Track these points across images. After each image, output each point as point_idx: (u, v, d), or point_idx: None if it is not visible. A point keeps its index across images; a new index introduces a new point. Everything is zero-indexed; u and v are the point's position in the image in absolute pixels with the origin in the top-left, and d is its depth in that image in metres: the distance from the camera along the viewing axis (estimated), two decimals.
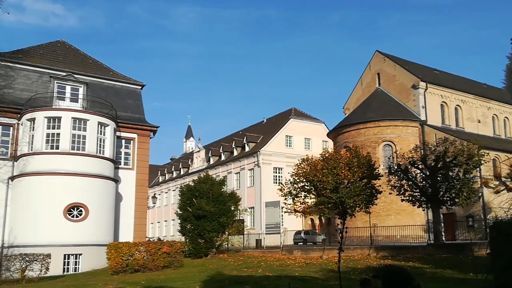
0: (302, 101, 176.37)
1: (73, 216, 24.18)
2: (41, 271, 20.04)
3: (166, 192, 72.85)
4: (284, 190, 29.53)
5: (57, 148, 24.83)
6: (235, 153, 58.04)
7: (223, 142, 64.09)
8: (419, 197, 26.02)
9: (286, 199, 29.59)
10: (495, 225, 4.79)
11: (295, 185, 28.91)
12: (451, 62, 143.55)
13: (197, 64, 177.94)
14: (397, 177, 26.56)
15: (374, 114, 39.99)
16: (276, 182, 48.58)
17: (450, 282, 14.27)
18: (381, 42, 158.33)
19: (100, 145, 26.18)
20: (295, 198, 29.15)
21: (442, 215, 28.11)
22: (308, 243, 38.59)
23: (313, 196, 29.17)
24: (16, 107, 26.02)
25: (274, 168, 52.33)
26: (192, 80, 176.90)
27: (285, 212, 31.05)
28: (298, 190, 28.88)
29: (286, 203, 29.75)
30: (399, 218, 34.38)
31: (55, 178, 24.15)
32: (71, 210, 24.19)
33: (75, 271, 23.62)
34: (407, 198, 26.42)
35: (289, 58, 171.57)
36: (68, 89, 28.17)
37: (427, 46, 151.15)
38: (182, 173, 70.13)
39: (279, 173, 51.94)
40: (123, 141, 29.60)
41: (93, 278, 19.92)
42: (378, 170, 29.19)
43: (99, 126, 26.28)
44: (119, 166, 28.74)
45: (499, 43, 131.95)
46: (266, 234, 32.87)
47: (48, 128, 25.01)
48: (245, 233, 37.90)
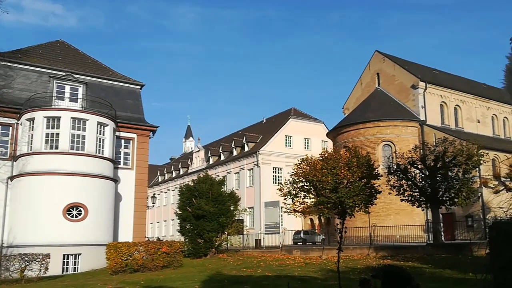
0: (301, 101, 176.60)
1: (72, 216, 24.17)
2: (40, 271, 20.01)
3: (166, 192, 72.84)
4: (283, 190, 29.57)
5: (56, 148, 24.82)
6: (235, 153, 58.06)
7: (223, 142, 64.09)
8: (419, 197, 26.04)
9: (285, 199, 29.62)
10: (494, 225, 4.80)
11: (295, 185, 28.95)
12: (451, 62, 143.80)
13: (197, 64, 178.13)
14: (396, 177, 26.58)
15: (373, 114, 40.02)
16: (275, 182, 48.62)
17: (450, 282, 14.27)
18: (381, 42, 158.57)
19: (99, 145, 26.18)
20: (295, 198, 29.19)
21: (441, 215, 28.12)
22: (307, 243, 38.58)
23: (312, 196, 29.21)
24: (15, 107, 26.01)
25: (273, 168, 52.35)
26: (192, 80, 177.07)
27: (284, 212, 31.08)
28: (298, 190, 28.93)
29: (285, 203, 29.78)
30: (399, 218, 34.39)
31: (55, 178, 24.14)
32: (71, 210, 24.18)
33: (75, 271, 23.62)
34: (407, 198, 26.43)
35: (289, 58, 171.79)
36: (67, 89, 28.17)
37: (427, 46, 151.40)
38: (181, 173, 70.14)
39: (279, 173, 51.96)
40: (123, 141, 29.59)
41: (92, 278, 19.91)
42: (378, 170, 29.23)
43: (99, 126, 26.26)
44: (119, 166, 28.74)
45: (499, 43, 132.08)
46: (266, 234, 32.87)
47: (47, 128, 24.99)
48: (244, 233, 37.86)
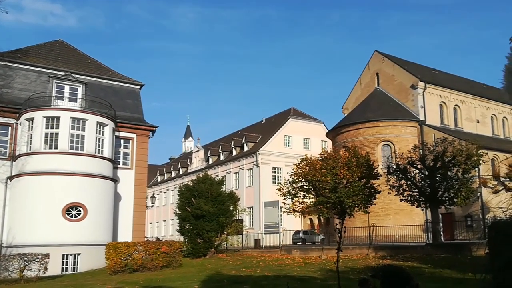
0: (301, 101, 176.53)
1: (71, 216, 24.16)
2: (39, 271, 19.99)
3: (165, 192, 72.82)
4: (283, 190, 29.56)
5: (55, 148, 24.81)
6: (234, 153, 58.05)
7: (222, 142, 64.09)
8: (418, 197, 26.04)
9: (285, 199, 29.61)
10: (494, 225, 4.80)
11: (294, 185, 28.94)
12: (451, 62, 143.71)
13: (197, 64, 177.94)
14: (395, 177, 26.59)
15: (373, 114, 40.03)
16: (275, 182, 48.63)
17: (449, 282, 14.28)
18: (381, 42, 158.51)
19: (98, 145, 26.16)
20: (294, 198, 29.18)
21: (440, 215, 28.13)
22: (307, 243, 38.59)
23: (312, 196, 29.21)
24: (14, 107, 26.00)
25: (273, 168, 52.35)
26: (192, 80, 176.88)
27: (284, 212, 31.07)
28: (297, 190, 28.92)
29: (285, 203, 29.76)
30: (398, 218, 34.40)
31: (54, 178, 24.13)
32: (70, 210, 24.17)
33: (74, 271, 23.61)
34: (406, 198, 26.44)
35: (289, 58, 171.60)
36: (66, 88, 28.16)
37: (427, 46, 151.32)
38: (181, 173, 70.13)
39: (278, 173, 51.96)
40: (122, 141, 29.59)
41: (91, 278, 19.90)
42: (377, 170, 29.23)
43: (98, 126, 26.25)
44: (118, 166, 28.73)
45: (499, 43, 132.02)
46: (265, 234, 32.86)
47: (46, 128, 24.98)
48: (244, 233, 37.89)
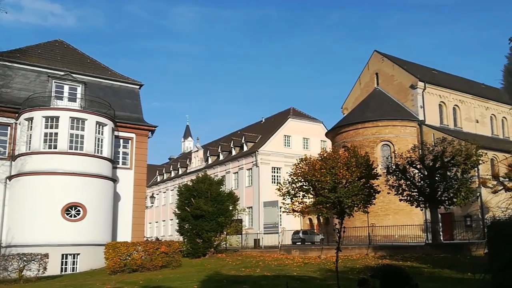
0: (301, 101, 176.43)
1: (71, 215, 24.15)
2: (39, 271, 19.98)
3: (164, 191, 72.80)
4: (282, 189, 29.55)
5: (55, 147, 24.80)
6: (234, 152, 58.04)
7: (222, 141, 64.08)
8: (417, 197, 26.04)
9: (284, 199, 29.60)
10: (493, 224, 4.79)
11: (294, 184, 28.94)
12: (451, 62, 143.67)
13: (197, 64, 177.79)
14: (395, 177, 26.58)
15: (372, 114, 40.04)
16: (274, 182, 48.60)
17: (448, 281, 14.28)
18: (381, 42, 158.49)
19: (98, 144, 26.15)
20: (294, 198, 29.18)
21: (440, 215, 28.13)
22: (306, 243, 38.60)
23: (311, 195, 29.21)
24: (14, 107, 26.00)
25: (272, 167, 52.35)
26: (192, 80, 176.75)
27: (283, 212, 31.05)
28: (297, 189, 28.91)
29: (284, 203, 29.76)
30: (397, 218, 34.42)
31: (53, 178, 24.12)
32: (69, 209, 24.16)
33: (73, 271, 23.61)
34: (405, 198, 26.44)
35: (289, 58, 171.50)
36: (66, 88, 28.15)
37: (427, 46, 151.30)
38: (180, 172, 70.11)
39: (278, 172, 51.96)
40: (121, 140, 29.59)
41: (91, 278, 19.89)
42: (376, 170, 29.26)
43: (97, 125, 26.24)
44: (117, 165, 28.73)
45: (499, 43, 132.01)
46: (264, 234, 32.86)
47: (46, 127, 24.97)
48: (243, 233, 37.88)
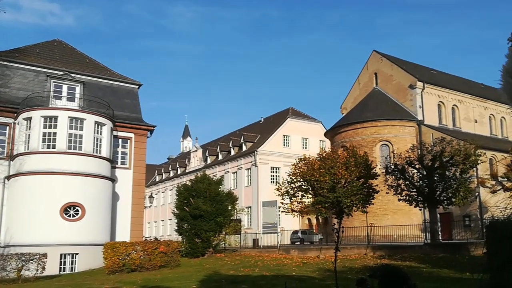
0: (300, 101, 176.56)
1: (69, 215, 24.12)
2: (37, 271, 19.97)
3: (163, 191, 72.76)
4: (281, 189, 29.55)
5: (53, 147, 24.76)
6: (232, 152, 58.02)
7: (220, 141, 64.05)
8: (416, 196, 26.07)
9: (283, 199, 29.62)
10: (492, 224, 4.79)
11: (292, 184, 28.94)
12: (451, 62, 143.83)
13: (197, 64, 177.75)
14: (394, 176, 26.61)
15: (371, 114, 40.06)
16: (273, 182, 48.59)
17: (447, 281, 14.29)
18: (381, 42, 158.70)
19: (97, 144, 26.11)
20: (292, 198, 29.18)
21: (438, 215, 28.19)
22: (305, 243, 38.59)
23: (310, 195, 29.22)
24: (12, 106, 25.95)
25: (271, 167, 52.34)
26: (191, 80, 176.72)
27: (282, 211, 31.05)
28: (295, 189, 28.92)
29: (283, 203, 29.76)
30: (396, 218, 34.45)
31: (52, 178, 24.08)
32: (68, 209, 24.12)
33: (72, 271, 23.57)
34: (404, 197, 26.47)
35: (289, 58, 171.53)
36: (64, 88, 28.11)
37: (427, 46, 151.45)
38: (179, 172, 70.08)
39: (276, 172, 51.95)
40: (120, 140, 29.55)
41: (89, 278, 19.87)
42: (375, 170, 29.27)
43: (96, 125, 26.21)
44: (116, 165, 28.69)
45: (499, 43, 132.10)
46: (263, 233, 32.86)
47: (44, 127, 24.92)
48: (242, 232, 37.84)
